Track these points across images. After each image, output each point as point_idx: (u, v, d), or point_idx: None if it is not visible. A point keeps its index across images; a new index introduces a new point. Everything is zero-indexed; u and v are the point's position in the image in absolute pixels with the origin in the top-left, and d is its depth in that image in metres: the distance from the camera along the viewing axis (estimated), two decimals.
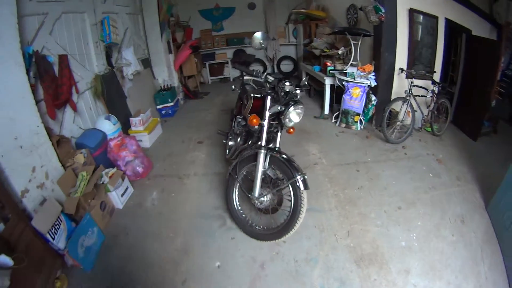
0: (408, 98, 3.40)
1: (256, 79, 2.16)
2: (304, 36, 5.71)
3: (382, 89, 3.71)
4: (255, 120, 1.97)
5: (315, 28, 5.05)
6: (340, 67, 4.01)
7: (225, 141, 2.93)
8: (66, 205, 2.08)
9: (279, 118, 2.06)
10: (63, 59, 2.48)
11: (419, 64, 3.77)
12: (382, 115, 3.42)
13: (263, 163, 2.01)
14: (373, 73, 3.64)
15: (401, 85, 3.61)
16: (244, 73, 2.19)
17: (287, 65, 6.95)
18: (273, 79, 2.07)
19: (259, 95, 2.27)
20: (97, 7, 3.23)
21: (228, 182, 2.31)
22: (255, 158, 2.04)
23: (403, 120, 3.50)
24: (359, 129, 3.93)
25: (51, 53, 2.38)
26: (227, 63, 6.93)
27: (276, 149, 2.14)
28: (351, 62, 3.86)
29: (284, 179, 1.97)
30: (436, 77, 3.76)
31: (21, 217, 1.70)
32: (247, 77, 2.21)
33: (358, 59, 3.86)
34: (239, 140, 2.61)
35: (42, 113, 2.18)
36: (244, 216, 2.26)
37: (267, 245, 2.11)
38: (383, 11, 3.25)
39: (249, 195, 2.12)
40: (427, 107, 3.67)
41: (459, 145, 3.52)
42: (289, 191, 1.95)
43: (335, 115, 4.19)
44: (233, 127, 2.76)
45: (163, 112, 4.93)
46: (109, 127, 3.07)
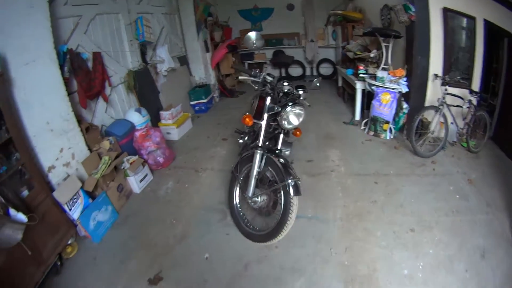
0: (440, 107, 3.03)
1: (254, 79, 2.15)
2: (342, 38, 5.46)
3: (414, 96, 3.36)
4: (247, 119, 1.98)
5: (352, 30, 4.80)
6: (372, 71, 3.75)
7: (239, 139, 3.01)
8: (86, 183, 2.39)
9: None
10: (97, 56, 2.83)
11: (455, 70, 3.29)
12: (411, 125, 3.10)
13: (258, 163, 2.01)
14: (405, 78, 3.31)
15: (435, 93, 3.22)
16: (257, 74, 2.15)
17: (326, 68, 6.72)
18: (272, 79, 2.05)
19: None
20: (131, 8, 3.56)
21: (231, 179, 2.37)
22: None
23: (434, 131, 3.13)
24: (388, 138, 3.62)
25: (85, 51, 2.74)
26: (265, 63, 6.98)
27: (277, 150, 2.13)
28: (382, 65, 3.58)
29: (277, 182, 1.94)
30: (475, 86, 3.28)
31: (44, 188, 2.01)
32: (251, 78, 2.19)
33: (389, 62, 3.56)
34: (247, 138, 2.65)
35: (75, 103, 2.54)
36: (242, 214, 2.28)
37: (259, 247, 2.10)
38: (413, 10, 2.95)
39: (244, 194, 2.15)
40: (463, 119, 3.21)
41: (497, 165, 3.01)
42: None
43: (364, 122, 3.94)
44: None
45: (196, 108, 5.18)
46: (138, 118, 3.36)
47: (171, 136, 4.05)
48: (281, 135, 2.19)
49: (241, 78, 2.26)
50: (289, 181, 1.82)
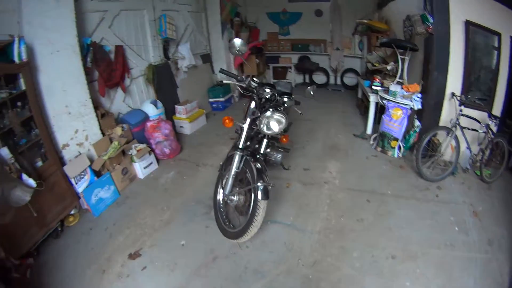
0: (453, 129, 2.83)
1: (240, 84, 2.25)
2: (367, 49, 5.33)
3: (428, 114, 3.17)
4: (227, 120, 2.11)
5: (376, 40, 4.67)
6: (388, 84, 3.64)
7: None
8: (94, 163, 2.71)
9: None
10: (119, 49, 3.15)
11: (475, 90, 3.03)
12: (418, 144, 2.95)
13: (237, 163, 2.11)
14: (420, 95, 3.14)
15: (452, 113, 3.03)
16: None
17: (350, 78, 6.56)
18: (255, 85, 2.13)
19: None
20: (156, 5, 3.79)
21: (218, 176, 2.54)
22: None
23: (443, 154, 2.95)
24: (396, 156, 3.47)
25: (109, 44, 3.05)
26: (290, 67, 7.02)
27: (258, 155, 2.23)
28: (397, 79, 3.43)
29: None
30: (496, 109, 3.00)
31: (56, 162, 2.34)
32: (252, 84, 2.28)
33: (405, 76, 3.40)
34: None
35: (95, 91, 2.87)
36: (222, 210, 2.39)
37: (232, 243, 2.21)
38: (431, 21, 2.78)
39: (222, 191, 2.27)
40: (478, 145, 2.97)
41: (510, 200, 2.74)
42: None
43: (373, 137, 3.82)
44: None
45: (214, 105, 5.38)
46: (152, 110, 3.64)
47: (183, 130, 4.29)
48: (265, 140, 2.27)
49: (225, 81, 2.36)
50: (258, 185, 1.90)
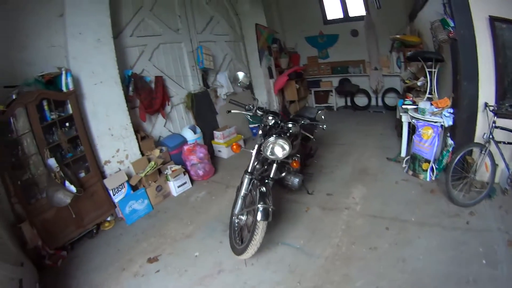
0: (487, 144, 2.43)
1: (247, 113, 2.40)
2: (404, 65, 4.82)
3: (460, 130, 2.77)
4: (235, 147, 2.27)
5: None
6: (418, 101, 3.23)
7: None
8: (131, 179, 3.11)
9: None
10: (158, 79, 3.65)
11: None
12: (448, 165, 2.58)
13: (245, 186, 2.24)
14: (451, 110, 2.78)
15: (487, 126, 2.57)
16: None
17: (391, 98, 6.05)
18: (262, 113, 2.27)
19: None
20: (193, 37, 4.23)
21: (235, 196, 2.59)
22: None
23: (476, 174, 2.54)
24: (428, 179, 3.05)
25: (149, 74, 3.55)
26: (331, 91, 6.87)
27: (267, 179, 2.29)
28: (426, 95, 3.12)
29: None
30: None
31: (98, 175, 2.83)
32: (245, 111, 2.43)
33: (435, 91, 3.06)
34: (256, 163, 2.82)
35: (136, 116, 3.35)
36: (236, 228, 2.45)
37: (238, 259, 2.25)
38: (451, 25, 2.47)
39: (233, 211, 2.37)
40: None
41: None
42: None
43: (406, 159, 3.43)
44: None
45: (254, 131, 5.37)
46: (190, 135, 3.99)
47: (221, 154, 4.45)
48: (274, 165, 2.34)
49: (233, 111, 2.48)
50: (259, 206, 1.98)
